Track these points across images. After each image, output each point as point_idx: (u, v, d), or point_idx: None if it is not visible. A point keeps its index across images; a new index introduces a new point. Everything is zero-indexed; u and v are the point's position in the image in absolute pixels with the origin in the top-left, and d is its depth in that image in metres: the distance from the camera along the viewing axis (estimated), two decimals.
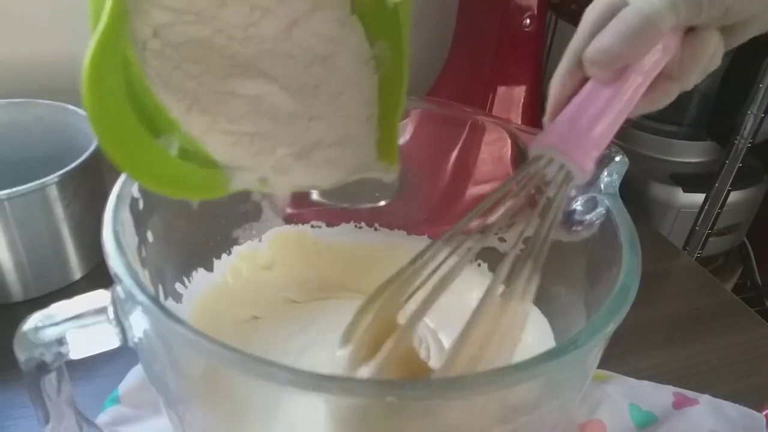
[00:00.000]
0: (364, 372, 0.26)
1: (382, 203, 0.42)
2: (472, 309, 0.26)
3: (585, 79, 0.27)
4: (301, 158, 0.28)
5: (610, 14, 0.26)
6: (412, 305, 0.26)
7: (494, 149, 0.39)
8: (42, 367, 0.26)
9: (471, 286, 0.39)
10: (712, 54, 0.26)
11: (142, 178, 0.25)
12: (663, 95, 0.27)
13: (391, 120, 0.30)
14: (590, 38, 0.26)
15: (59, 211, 0.43)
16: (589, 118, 0.26)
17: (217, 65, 0.26)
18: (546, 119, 0.28)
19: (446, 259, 0.27)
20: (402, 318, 0.26)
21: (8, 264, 0.43)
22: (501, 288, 0.26)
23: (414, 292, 0.27)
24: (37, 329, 0.25)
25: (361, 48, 0.28)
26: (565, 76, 0.27)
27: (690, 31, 0.26)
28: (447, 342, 0.35)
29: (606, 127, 0.26)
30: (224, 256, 0.38)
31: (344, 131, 0.29)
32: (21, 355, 0.26)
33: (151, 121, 0.24)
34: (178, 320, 0.22)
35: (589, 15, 0.26)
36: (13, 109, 0.50)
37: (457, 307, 0.38)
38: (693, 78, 0.27)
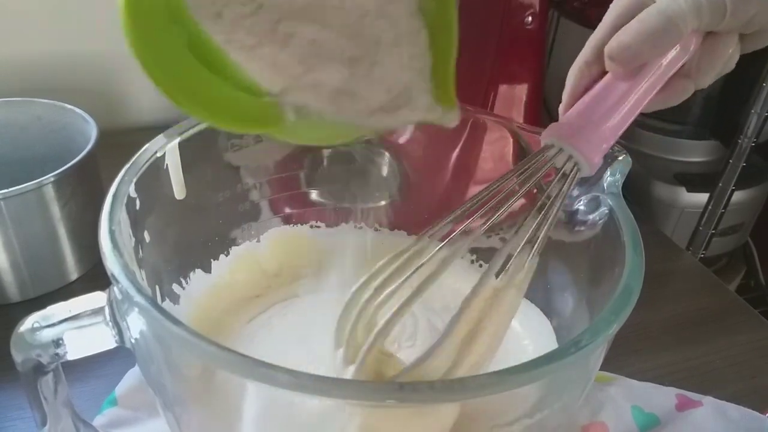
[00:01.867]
0: (348, 373, 0.26)
1: (382, 203, 0.42)
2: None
3: (603, 72, 0.27)
4: (359, 99, 0.27)
5: (636, 9, 0.26)
6: (396, 302, 0.26)
7: (496, 148, 0.38)
8: (39, 369, 0.26)
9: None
10: (728, 58, 0.27)
11: (189, 105, 0.23)
12: (678, 93, 0.28)
13: (444, 67, 0.29)
14: (612, 31, 0.26)
15: (56, 210, 0.43)
16: (602, 112, 0.26)
17: (267, 9, 0.25)
18: (561, 108, 0.28)
19: (434, 254, 0.27)
20: (382, 317, 0.26)
21: (5, 264, 0.43)
22: (493, 279, 0.26)
23: (397, 289, 0.27)
24: (33, 330, 0.25)
25: (410, 1, 0.28)
26: (584, 66, 0.28)
27: (710, 33, 0.26)
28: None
29: (617, 123, 0.27)
30: (222, 256, 0.38)
31: (404, 79, 0.28)
32: (17, 356, 0.26)
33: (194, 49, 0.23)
34: (176, 322, 0.22)
35: (614, 8, 0.26)
36: (11, 108, 0.50)
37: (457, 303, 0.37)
38: (708, 79, 0.27)
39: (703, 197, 0.75)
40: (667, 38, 0.25)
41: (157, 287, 0.31)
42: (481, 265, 0.40)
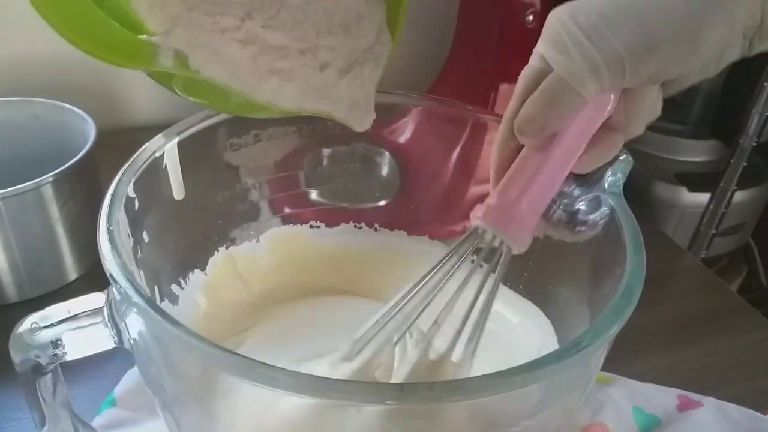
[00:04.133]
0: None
1: (382, 203, 0.42)
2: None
3: (521, 146, 0.27)
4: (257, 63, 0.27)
5: (542, 77, 0.25)
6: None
7: None
8: (37, 369, 0.26)
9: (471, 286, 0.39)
10: (651, 106, 0.26)
11: (66, 32, 0.23)
12: (608, 148, 0.27)
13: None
14: (521, 103, 0.26)
15: (54, 211, 0.43)
16: (519, 189, 0.27)
17: None
18: (490, 186, 0.28)
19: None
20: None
21: (3, 265, 0.43)
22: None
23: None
24: (32, 331, 0.25)
25: None
26: (502, 142, 0.27)
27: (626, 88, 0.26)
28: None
29: (537, 196, 0.27)
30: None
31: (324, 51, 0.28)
32: (16, 357, 0.26)
33: None
34: (174, 322, 0.22)
35: (520, 83, 0.26)
36: (8, 107, 0.50)
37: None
38: (637, 129, 0.27)
39: (704, 197, 0.75)
40: (568, 104, 0.25)
41: (155, 287, 0.31)
42: (481, 266, 0.40)
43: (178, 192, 0.33)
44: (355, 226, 0.42)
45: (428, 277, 0.28)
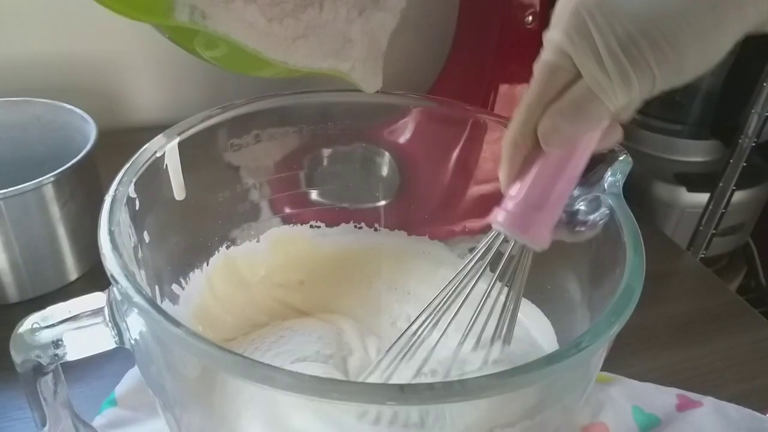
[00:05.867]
0: None
1: (382, 203, 0.42)
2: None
3: (535, 144, 0.27)
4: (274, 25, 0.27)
5: (555, 77, 0.25)
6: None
7: (496, 148, 0.38)
8: (38, 369, 0.26)
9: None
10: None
11: None
12: (610, 136, 0.27)
13: None
14: (540, 106, 0.25)
15: (55, 211, 0.43)
16: (540, 193, 0.27)
17: None
18: (502, 185, 0.28)
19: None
20: None
21: (4, 265, 0.43)
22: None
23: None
24: (33, 331, 0.25)
25: None
26: (516, 143, 0.27)
27: None
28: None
29: (556, 198, 0.27)
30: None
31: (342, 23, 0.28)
32: (17, 357, 0.26)
33: None
34: (175, 322, 0.22)
35: (537, 82, 0.25)
36: (9, 107, 0.50)
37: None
38: (629, 115, 0.27)
39: (703, 197, 0.75)
40: (599, 117, 0.24)
41: (156, 288, 0.31)
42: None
43: (178, 192, 0.33)
44: (355, 226, 0.42)
45: (451, 293, 0.28)
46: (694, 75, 0.24)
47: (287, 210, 0.41)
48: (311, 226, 0.41)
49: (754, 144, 0.70)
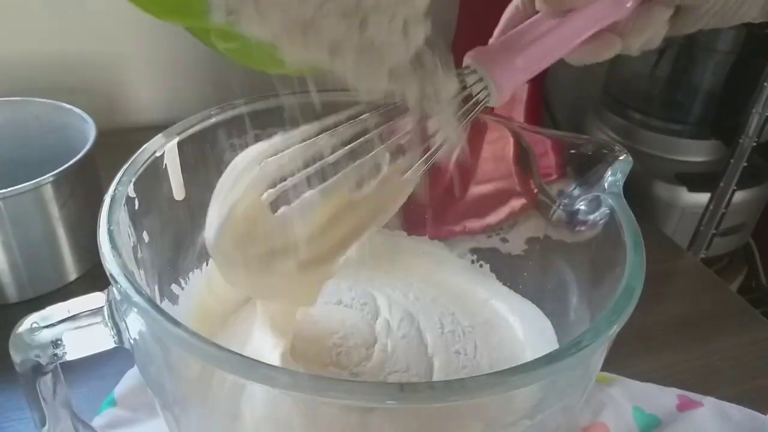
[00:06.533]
0: None
1: None
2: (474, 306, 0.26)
3: (535, 12, 0.28)
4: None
5: None
6: None
7: (496, 148, 0.38)
8: (37, 369, 0.26)
9: (474, 286, 0.39)
10: (658, 27, 0.27)
11: None
12: (606, 47, 0.28)
13: None
14: None
15: (54, 211, 0.43)
16: (522, 44, 0.27)
17: None
18: (493, 38, 0.29)
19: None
20: None
21: (3, 265, 0.43)
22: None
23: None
24: (32, 331, 0.25)
25: None
26: (518, 4, 0.28)
27: (646, 1, 0.27)
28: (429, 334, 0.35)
29: (535, 56, 0.27)
30: None
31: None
32: (16, 356, 0.26)
33: None
34: (174, 322, 0.22)
35: None
36: (8, 107, 0.50)
37: (456, 303, 0.37)
38: (636, 42, 0.28)
39: (704, 197, 0.75)
40: None
41: (156, 287, 0.31)
42: (481, 266, 0.40)
43: (178, 192, 0.33)
44: None
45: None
46: None
47: None
48: None
49: (754, 144, 0.70)
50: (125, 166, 0.29)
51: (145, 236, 0.30)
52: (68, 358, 0.26)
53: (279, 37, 0.27)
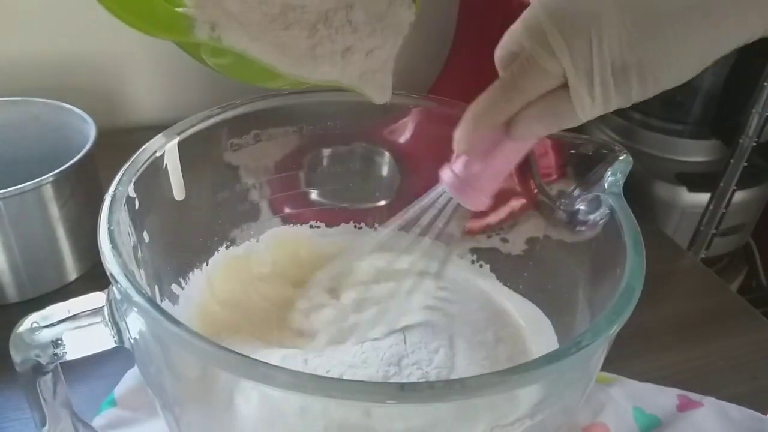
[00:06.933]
0: None
1: (382, 203, 0.42)
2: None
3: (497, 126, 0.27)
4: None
5: (540, 81, 0.25)
6: None
7: None
8: (38, 369, 0.26)
9: (474, 286, 0.39)
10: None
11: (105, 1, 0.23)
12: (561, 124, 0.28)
13: None
14: (518, 96, 0.26)
15: (54, 211, 0.43)
16: (486, 169, 0.29)
17: None
18: (456, 150, 0.29)
19: None
20: None
21: (3, 265, 0.43)
22: None
23: None
24: (32, 331, 0.25)
25: None
26: (483, 118, 0.28)
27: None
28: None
29: (498, 174, 0.29)
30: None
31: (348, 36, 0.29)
32: (16, 356, 0.26)
33: None
34: (175, 321, 0.22)
35: (519, 76, 0.26)
36: (8, 107, 0.50)
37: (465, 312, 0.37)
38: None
39: (704, 197, 0.75)
40: (569, 122, 0.26)
41: (156, 287, 0.31)
42: (481, 266, 0.40)
43: (178, 192, 0.33)
44: (355, 226, 0.42)
45: None
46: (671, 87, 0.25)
47: (287, 210, 0.41)
48: (311, 226, 0.41)
49: (754, 144, 0.70)
50: (125, 166, 0.29)
51: (146, 236, 0.30)
52: (68, 357, 0.26)
53: (266, 53, 0.27)
